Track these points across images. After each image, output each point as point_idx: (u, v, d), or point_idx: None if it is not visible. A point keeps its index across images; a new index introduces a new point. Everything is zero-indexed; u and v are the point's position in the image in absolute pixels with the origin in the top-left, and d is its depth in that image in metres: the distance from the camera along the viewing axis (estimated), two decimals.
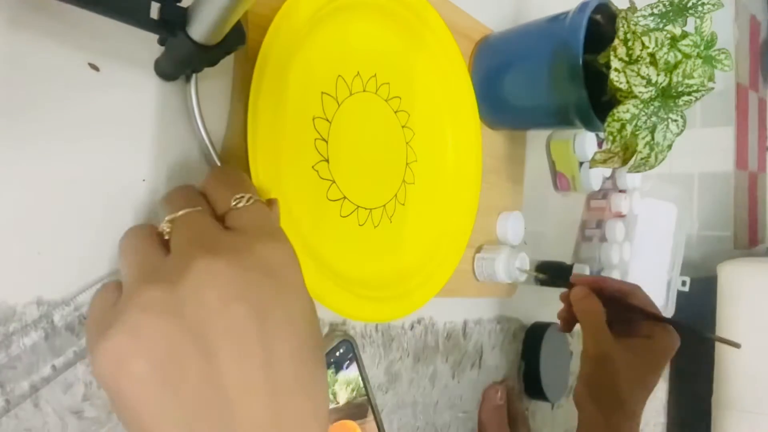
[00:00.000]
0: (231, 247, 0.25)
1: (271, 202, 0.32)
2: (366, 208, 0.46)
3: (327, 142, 0.43)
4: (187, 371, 0.22)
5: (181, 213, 0.27)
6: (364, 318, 0.46)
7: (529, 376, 0.66)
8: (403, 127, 0.49)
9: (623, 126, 0.45)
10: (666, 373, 1.06)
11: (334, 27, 0.44)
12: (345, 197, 0.44)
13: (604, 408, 0.49)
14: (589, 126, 0.52)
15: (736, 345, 0.51)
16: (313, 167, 0.42)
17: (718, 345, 1.00)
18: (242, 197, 0.28)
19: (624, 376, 0.49)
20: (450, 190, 0.54)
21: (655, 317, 0.52)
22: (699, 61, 0.47)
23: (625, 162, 0.47)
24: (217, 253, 0.24)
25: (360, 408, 0.46)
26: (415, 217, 0.50)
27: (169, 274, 0.24)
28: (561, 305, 0.57)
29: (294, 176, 0.40)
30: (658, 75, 0.45)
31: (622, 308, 0.53)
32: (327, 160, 0.43)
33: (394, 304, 0.48)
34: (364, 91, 0.46)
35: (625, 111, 0.45)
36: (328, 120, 0.43)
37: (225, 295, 0.23)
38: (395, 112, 0.49)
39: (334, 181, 0.43)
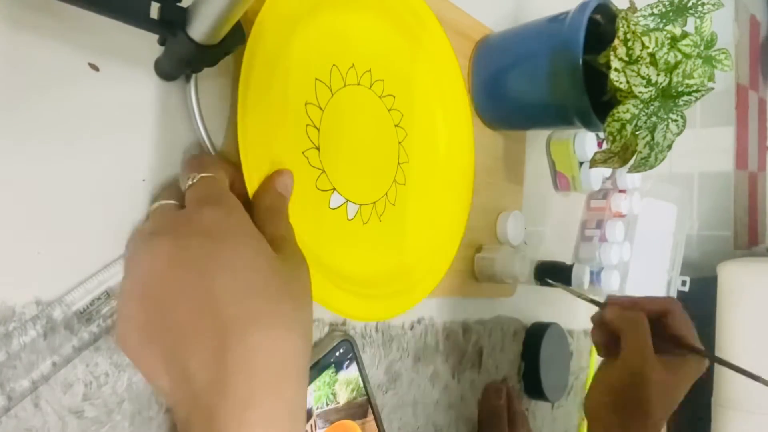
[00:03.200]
0: (174, 225, 0.30)
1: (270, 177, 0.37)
2: (355, 203, 0.45)
3: (319, 129, 0.42)
4: (160, 328, 0.28)
5: (153, 206, 0.33)
6: (345, 313, 0.45)
7: (529, 376, 0.66)
8: (396, 126, 0.49)
9: (623, 126, 0.45)
10: None
11: (334, 15, 0.43)
12: (334, 189, 0.44)
13: (627, 421, 0.49)
14: (589, 126, 0.52)
15: (765, 382, 0.49)
16: (303, 153, 0.41)
17: (718, 345, 1.00)
18: (191, 177, 0.32)
19: (656, 394, 0.48)
20: (441, 193, 0.53)
21: (692, 348, 0.50)
22: (699, 61, 0.47)
23: (625, 162, 0.47)
24: (162, 233, 0.29)
25: (360, 408, 0.46)
26: (405, 218, 0.50)
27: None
28: (560, 305, 0.57)
29: (283, 159, 0.39)
30: (658, 75, 0.45)
31: (658, 336, 0.51)
32: (318, 148, 0.42)
33: (380, 303, 0.47)
34: (358, 84, 0.46)
35: (625, 111, 0.45)
36: (320, 107, 0.43)
37: (168, 262, 0.28)
38: (389, 111, 0.48)
39: (324, 171, 0.43)
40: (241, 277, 0.28)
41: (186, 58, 0.32)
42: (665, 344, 0.50)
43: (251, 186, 0.36)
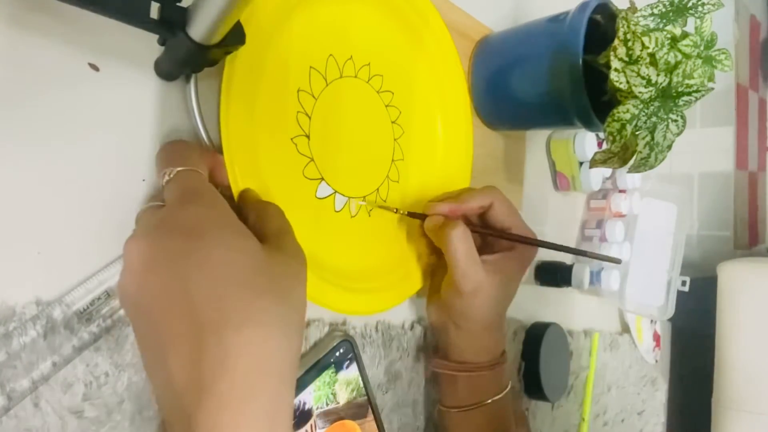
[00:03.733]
0: (152, 225, 0.29)
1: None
2: (344, 195, 0.45)
3: (310, 117, 0.42)
4: (142, 326, 0.28)
5: (140, 210, 0.33)
6: (325, 303, 0.43)
7: (529, 376, 0.66)
8: (392, 122, 0.49)
9: (623, 126, 0.45)
10: (666, 372, 1.06)
11: (334, 4, 0.43)
12: (323, 178, 0.43)
13: (474, 333, 0.48)
14: (589, 126, 0.52)
15: (617, 261, 0.49)
16: (292, 140, 0.41)
17: (718, 345, 1.00)
18: (167, 172, 0.31)
19: (495, 300, 0.47)
20: (437, 190, 0.52)
21: (517, 239, 0.48)
22: (699, 62, 0.47)
23: (625, 162, 0.47)
24: (140, 234, 0.29)
25: (360, 408, 0.46)
26: (396, 216, 0.49)
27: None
28: (560, 305, 0.56)
29: (269, 143, 0.39)
30: (658, 75, 0.45)
31: (484, 231, 0.49)
32: (307, 136, 0.42)
33: (363, 297, 0.45)
34: (355, 77, 0.45)
35: (625, 111, 0.45)
36: (313, 96, 0.42)
37: (143, 265, 0.27)
38: (386, 106, 0.48)
39: (312, 159, 0.42)
40: (218, 275, 0.27)
41: (186, 58, 0.32)
42: (494, 238, 0.49)
43: (231, 168, 0.35)
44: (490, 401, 0.49)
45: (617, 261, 0.50)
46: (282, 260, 0.30)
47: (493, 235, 0.50)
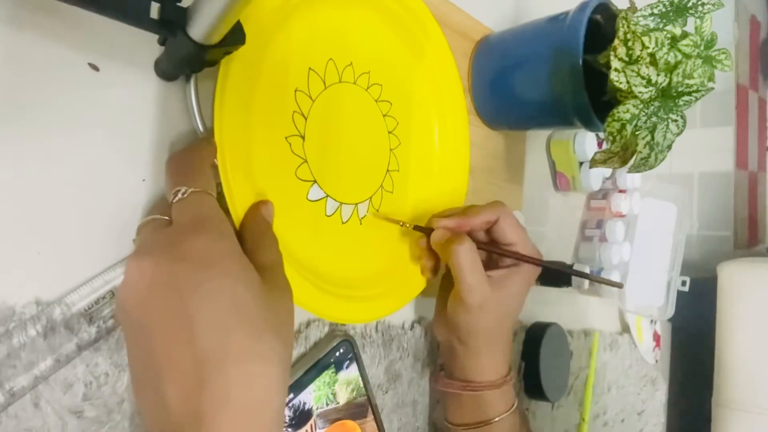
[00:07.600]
0: (159, 245, 0.29)
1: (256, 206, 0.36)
2: (336, 201, 0.44)
3: (306, 118, 0.42)
4: (138, 347, 0.27)
5: (143, 221, 0.33)
6: (314, 309, 0.42)
7: (529, 376, 0.66)
8: (389, 132, 0.49)
9: (623, 126, 0.45)
10: (666, 372, 1.06)
11: (336, 8, 0.43)
12: (315, 181, 0.42)
13: (479, 350, 0.48)
14: (589, 126, 0.52)
15: (619, 285, 0.49)
16: (286, 138, 0.40)
17: (718, 345, 1.00)
18: (177, 191, 0.31)
19: (500, 315, 0.47)
20: (430, 207, 0.51)
21: (520, 257, 0.48)
22: (699, 61, 0.47)
23: (625, 162, 0.47)
24: (147, 253, 0.28)
25: (360, 408, 0.46)
26: (389, 225, 0.48)
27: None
28: (560, 305, 0.56)
29: (263, 139, 0.38)
30: (658, 75, 0.45)
31: (489, 248, 0.49)
32: (302, 137, 0.41)
33: (355, 305, 0.45)
34: (354, 83, 0.45)
35: (625, 111, 0.45)
36: (311, 97, 0.42)
37: (149, 285, 0.27)
38: (383, 116, 0.48)
39: (305, 160, 0.42)
40: (223, 308, 0.27)
41: (186, 58, 0.32)
42: (498, 253, 0.49)
43: (223, 165, 0.35)
44: (497, 419, 0.48)
45: (619, 285, 0.50)
46: (277, 295, 0.31)
47: (498, 253, 0.49)
